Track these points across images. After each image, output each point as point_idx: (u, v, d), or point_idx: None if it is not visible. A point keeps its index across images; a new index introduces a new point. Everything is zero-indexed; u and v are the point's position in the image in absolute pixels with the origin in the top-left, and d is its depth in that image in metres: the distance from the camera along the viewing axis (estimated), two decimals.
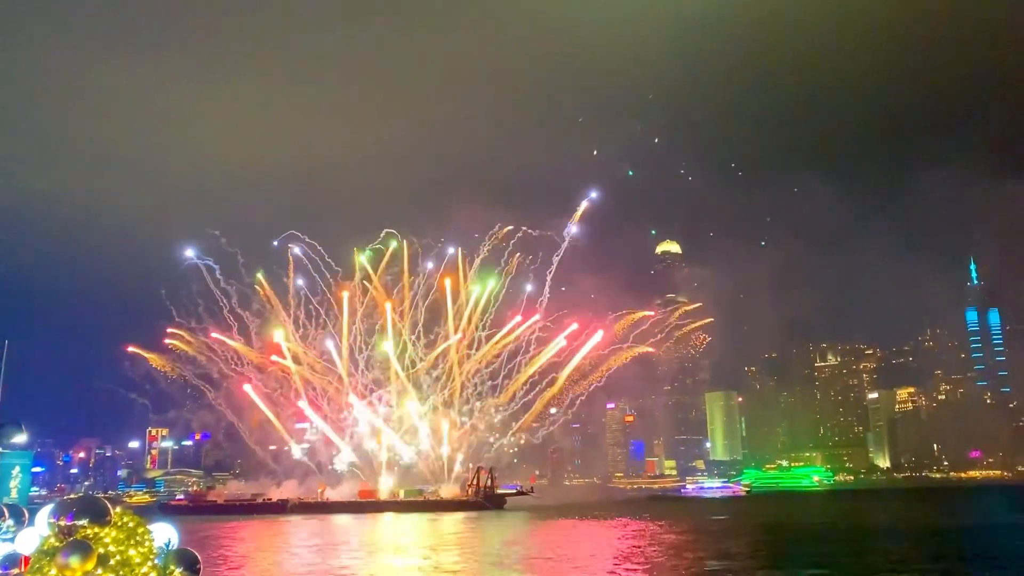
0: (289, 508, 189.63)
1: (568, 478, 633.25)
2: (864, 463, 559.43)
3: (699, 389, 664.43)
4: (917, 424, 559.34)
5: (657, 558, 64.55)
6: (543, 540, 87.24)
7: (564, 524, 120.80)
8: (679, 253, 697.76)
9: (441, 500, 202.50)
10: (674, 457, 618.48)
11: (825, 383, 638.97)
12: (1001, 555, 62.11)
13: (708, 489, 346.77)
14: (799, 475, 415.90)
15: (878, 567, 56.79)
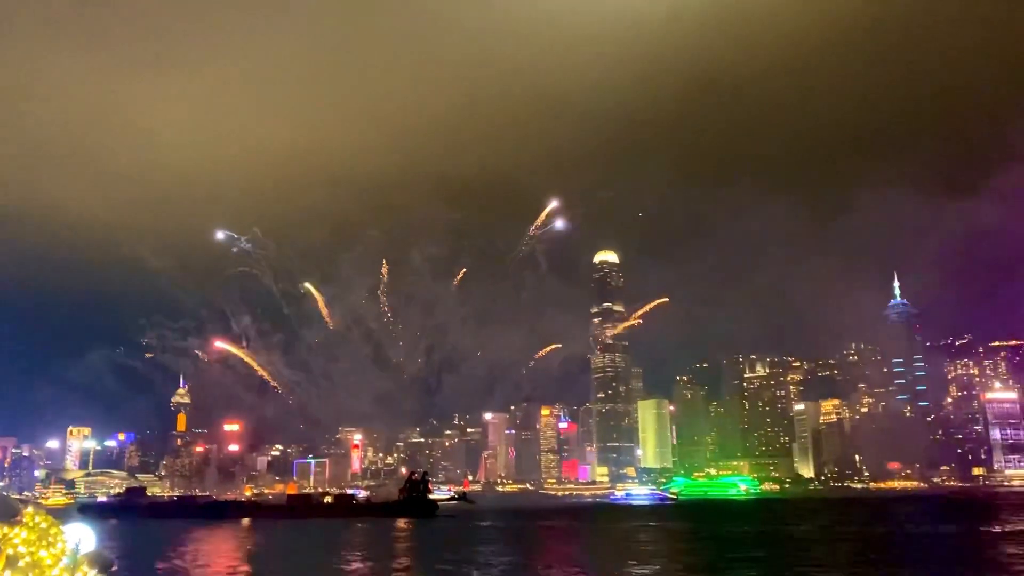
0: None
1: (501, 483, 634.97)
2: (789, 473, 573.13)
3: (632, 397, 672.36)
4: (840, 436, 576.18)
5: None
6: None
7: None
8: (616, 263, 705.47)
9: (371, 504, 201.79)
10: (606, 464, 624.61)
11: (754, 394, 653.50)
12: (910, 560, 65.06)
13: (636, 496, 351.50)
14: (726, 484, 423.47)
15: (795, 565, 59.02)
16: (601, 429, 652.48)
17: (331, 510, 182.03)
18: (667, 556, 70.37)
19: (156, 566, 66.55)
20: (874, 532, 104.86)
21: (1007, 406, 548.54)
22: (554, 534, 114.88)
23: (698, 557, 70.75)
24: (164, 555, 79.60)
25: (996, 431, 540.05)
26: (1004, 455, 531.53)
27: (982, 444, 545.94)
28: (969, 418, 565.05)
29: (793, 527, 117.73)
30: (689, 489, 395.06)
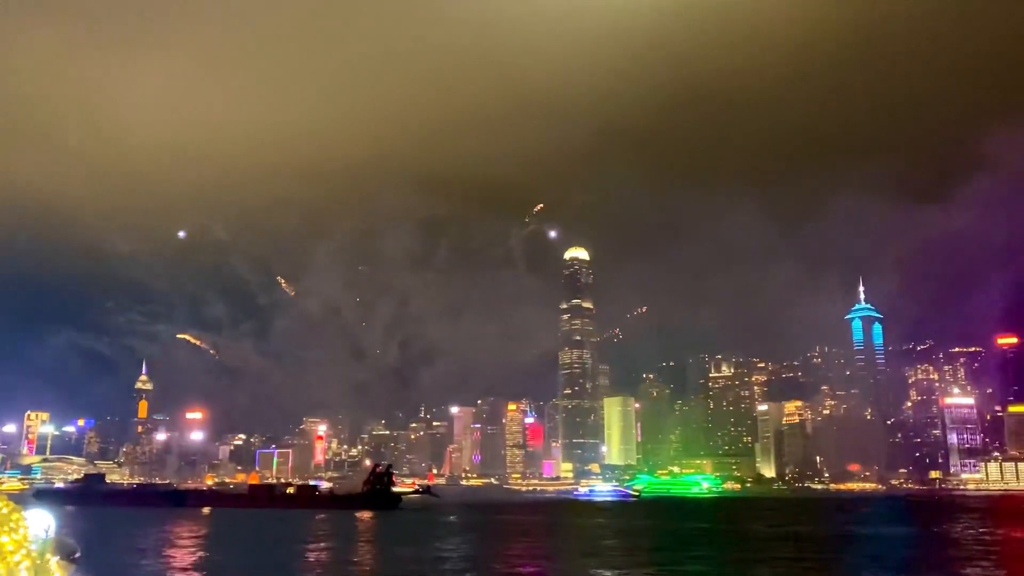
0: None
1: (466, 477, 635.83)
2: (751, 472, 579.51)
3: (598, 394, 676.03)
4: (802, 437, 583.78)
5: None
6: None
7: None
8: (587, 260, 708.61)
9: (334, 495, 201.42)
10: (571, 460, 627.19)
11: (719, 393, 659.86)
12: (864, 558, 66.51)
13: (599, 493, 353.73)
14: (689, 482, 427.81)
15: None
16: (567, 425, 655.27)
17: (293, 501, 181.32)
18: (621, 551, 71.41)
19: (115, 553, 66.18)
20: (821, 532, 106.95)
21: (965, 411, 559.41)
22: (516, 529, 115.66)
23: (650, 552, 71.85)
24: (123, 542, 79.09)
25: (953, 436, 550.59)
26: (960, 459, 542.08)
27: (939, 448, 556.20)
28: (928, 422, 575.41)
29: (747, 525, 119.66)
30: (652, 486, 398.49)
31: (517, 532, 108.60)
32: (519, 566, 61.35)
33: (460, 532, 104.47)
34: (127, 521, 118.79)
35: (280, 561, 64.70)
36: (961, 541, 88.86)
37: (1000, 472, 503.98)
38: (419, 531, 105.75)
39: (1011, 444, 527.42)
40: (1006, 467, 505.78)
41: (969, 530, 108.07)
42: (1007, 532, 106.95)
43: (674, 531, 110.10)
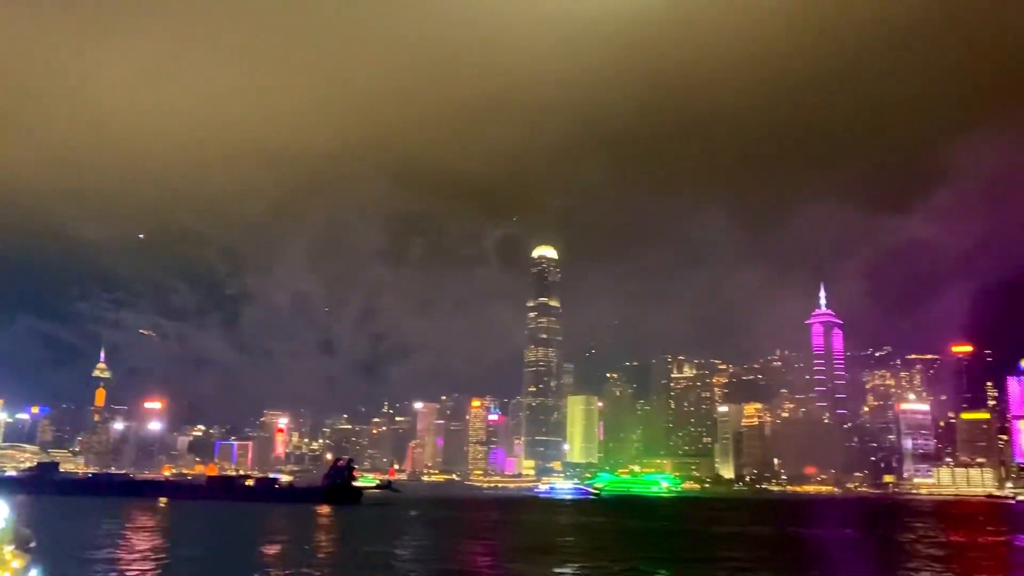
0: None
1: (427, 473, 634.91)
2: (710, 473, 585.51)
3: (562, 392, 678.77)
4: (760, 439, 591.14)
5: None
6: None
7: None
8: (555, 258, 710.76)
9: (294, 489, 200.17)
10: (533, 457, 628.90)
11: (680, 394, 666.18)
12: (810, 558, 67.62)
13: (559, 491, 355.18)
14: (649, 481, 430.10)
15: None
16: (530, 423, 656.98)
17: (252, 494, 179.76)
18: (578, 549, 72.03)
19: (69, 543, 65.22)
20: (775, 533, 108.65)
21: (919, 417, 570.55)
22: (476, 525, 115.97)
23: (605, 551, 72.57)
24: (77, 532, 78.01)
25: (908, 441, 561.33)
26: (914, 464, 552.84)
27: (894, 453, 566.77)
28: (883, 427, 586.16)
29: (703, 526, 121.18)
30: (612, 485, 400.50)
31: (477, 529, 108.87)
32: (477, 562, 61.59)
33: (420, 528, 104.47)
34: (81, 511, 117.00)
35: (237, 554, 64.26)
36: (911, 545, 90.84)
37: (952, 478, 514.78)
38: (379, 526, 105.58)
39: (963, 450, 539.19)
40: (958, 473, 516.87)
41: (920, 534, 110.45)
42: (955, 537, 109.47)
43: (631, 530, 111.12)
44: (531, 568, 59.34)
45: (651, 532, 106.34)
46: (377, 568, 56.03)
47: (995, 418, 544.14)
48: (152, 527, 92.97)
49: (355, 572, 53.60)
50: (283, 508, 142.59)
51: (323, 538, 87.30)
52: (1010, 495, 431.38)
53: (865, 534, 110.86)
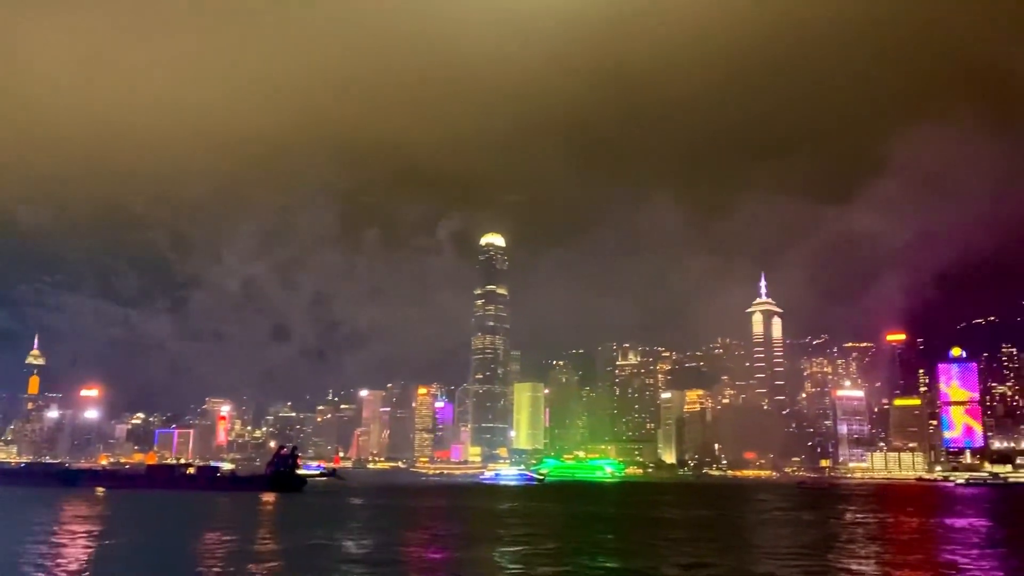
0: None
1: (373, 461, 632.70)
2: (653, 458, 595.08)
3: (509, 380, 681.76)
4: (702, 424, 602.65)
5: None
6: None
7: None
8: (502, 246, 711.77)
9: (236, 477, 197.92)
10: (479, 444, 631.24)
11: (625, 381, 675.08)
12: (735, 541, 69.47)
13: (504, 477, 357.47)
14: (594, 467, 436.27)
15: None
16: (477, 410, 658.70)
17: (193, 482, 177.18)
18: (522, 535, 72.85)
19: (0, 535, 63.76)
20: (720, 516, 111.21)
21: (855, 403, 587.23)
22: (420, 512, 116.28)
23: (548, 536, 73.58)
24: (8, 523, 76.24)
25: (843, 426, 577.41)
26: (849, 449, 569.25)
27: (830, 438, 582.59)
28: (820, 413, 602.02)
29: (647, 511, 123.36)
30: (558, 471, 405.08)
31: (421, 516, 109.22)
32: (421, 549, 61.96)
33: (364, 516, 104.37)
34: (13, 501, 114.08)
35: (175, 544, 63.52)
36: (846, 525, 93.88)
37: (885, 462, 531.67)
38: (323, 514, 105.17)
39: (895, 435, 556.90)
40: (890, 457, 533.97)
41: (855, 515, 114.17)
42: (887, 517, 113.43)
43: (573, 514, 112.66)
44: (473, 553, 59.93)
45: (593, 516, 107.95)
46: (319, 557, 55.98)
47: (926, 404, 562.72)
48: (88, 517, 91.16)
49: (296, 561, 53.46)
50: (225, 497, 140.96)
51: (265, 527, 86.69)
52: (939, 478, 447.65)
53: (810, 516, 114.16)
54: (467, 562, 55.64)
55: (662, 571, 50.51)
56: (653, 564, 53.77)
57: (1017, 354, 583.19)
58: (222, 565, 51.10)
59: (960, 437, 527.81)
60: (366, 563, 53.03)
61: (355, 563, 52.97)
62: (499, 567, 52.02)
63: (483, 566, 52.34)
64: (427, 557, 58.29)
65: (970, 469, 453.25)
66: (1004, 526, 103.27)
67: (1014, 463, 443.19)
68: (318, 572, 48.12)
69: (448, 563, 55.55)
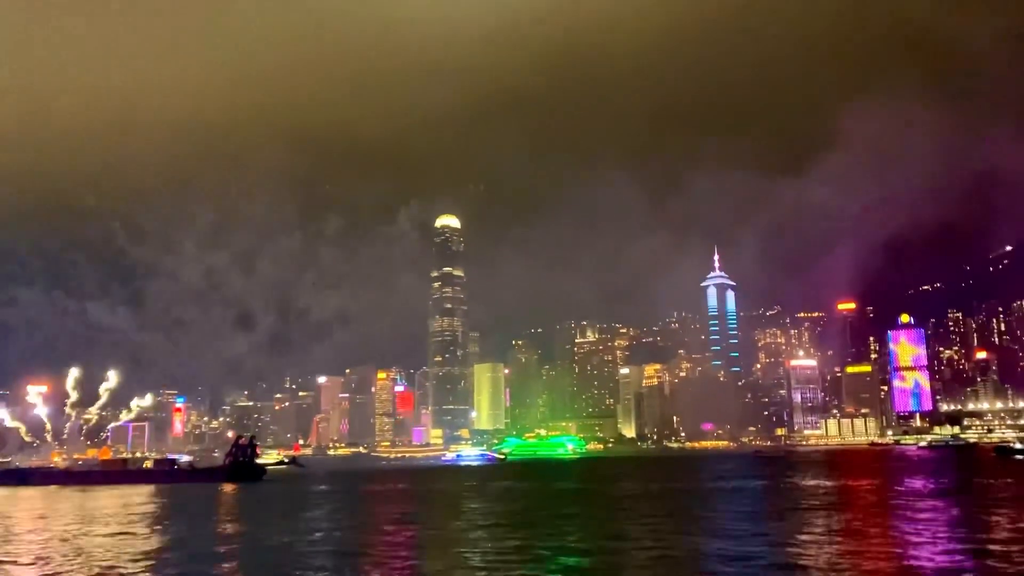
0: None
1: (333, 447, 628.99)
2: (613, 433, 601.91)
3: (468, 361, 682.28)
4: (660, 398, 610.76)
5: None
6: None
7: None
8: (458, 227, 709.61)
9: (194, 469, 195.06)
10: (441, 426, 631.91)
11: (583, 358, 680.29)
12: (724, 510, 70.36)
13: (466, 457, 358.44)
14: (555, 444, 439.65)
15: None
16: (437, 392, 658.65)
17: (150, 476, 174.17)
18: (485, 513, 72.91)
19: None
20: (684, 487, 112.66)
21: (808, 372, 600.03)
22: (382, 496, 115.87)
23: (512, 513, 73.71)
24: None
25: (797, 395, 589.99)
26: (804, 417, 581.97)
27: (785, 407, 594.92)
28: (775, 383, 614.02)
29: (608, 485, 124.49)
30: (519, 449, 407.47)
31: (382, 500, 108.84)
32: (385, 533, 61.60)
33: (325, 502, 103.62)
34: None
35: (137, 537, 62.26)
36: (805, 491, 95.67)
37: (838, 428, 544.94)
38: (284, 503, 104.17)
39: (848, 402, 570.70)
40: (843, 423, 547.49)
41: (812, 481, 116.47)
42: (844, 482, 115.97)
43: (536, 491, 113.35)
44: (437, 534, 59.77)
45: (555, 493, 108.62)
46: (279, 547, 55.29)
47: (877, 371, 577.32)
48: (43, 516, 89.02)
49: (256, 551, 52.72)
50: (184, 489, 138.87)
51: (224, 517, 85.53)
52: (891, 442, 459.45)
53: (769, 483, 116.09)
54: (429, 541, 55.47)
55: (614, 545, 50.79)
56: (611, 539, 54.08)
57: (963, 319, 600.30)
58: (180, 557, 50.18)
59: (910, 401, 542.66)
60: (329, 552, 52.52)
61: (318, 552, 52.42)
62: (461, 546, 51.91)
63: (444, 548, 52.17)
64: (389, 539, 57.96)
65: (919, 432, 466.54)
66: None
67: (962, 424, 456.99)
68: (278, 562, 47.49)
69: (411, 544, 55.28)
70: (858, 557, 42.13)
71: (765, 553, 44.74)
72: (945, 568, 39.13)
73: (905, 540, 48.92)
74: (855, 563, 40.30)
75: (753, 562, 41.55)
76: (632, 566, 42.39)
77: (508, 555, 46.10)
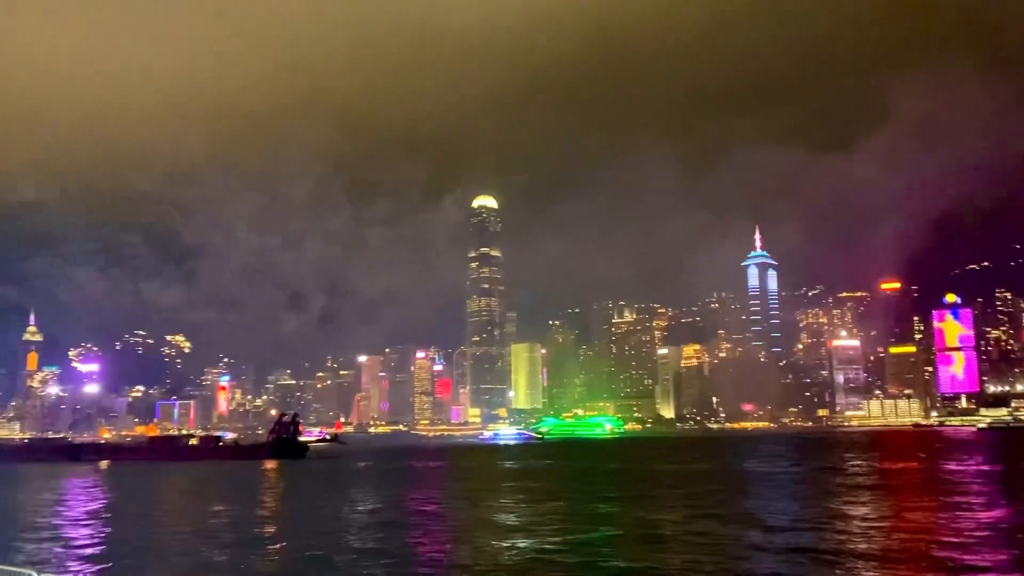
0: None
1: (374, 425, 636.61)
2: (651, 413, 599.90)
3: (506, 341, 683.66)
4: (699, 379, 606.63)
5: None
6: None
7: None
8: (495, 208, 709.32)
9: (239, 446, 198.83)
10: (479, 405, 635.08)
11: (621, 338, 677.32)
12: (766, 491, 70.00)
13: (504, 436, 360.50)
14: (592, 424, 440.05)
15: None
16: (475, 371, 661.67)
17: (196, 453, 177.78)
18: (522, 491, 73.44)
19: (5, 508, 64.06)
20: (724, 469, 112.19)
21: (851, 352, 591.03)
22: (422, 473, 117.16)
23: (549, 492, 74.08)
24: (13, 497, 76.52)
25: (840, 375, 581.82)
26: (846, 397, 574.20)
27: (827, 388, 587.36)
28: (817, 363, 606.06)
29: (649, 464, 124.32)
30: (557, 429, 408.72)
31: (423, 476, 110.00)
32: (424, 509, 62.35)
33: (367, 479, 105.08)
34: (18, 476, 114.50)
35: (186, 511, 63.89)
36: (851, 473, 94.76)
37: (881, 409, 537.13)
38: (326, 479, 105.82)
39: (891, 382, 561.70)
40: (886, 404, 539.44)
41: (858, 463, 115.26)
42: (889, 464, 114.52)
43: (574, 470, 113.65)
44: (477, 512, 60.34)
45: (593, 472, 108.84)
46: (328, 519, 56.32)
47: (921, 351, 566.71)
48: (95, 488, 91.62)
49: (306, 526, 53.76)
50: (229, 466, 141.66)
51: (270, 494, 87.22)
52: (935, 423, 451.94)
53: (813, 465, 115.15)
54: (471, 520, 56.01)
55: (657, 518, 50.86)
56: (655, 514, 54.14)
57: (1011, 298, 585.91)
58: (232, 530, 51.33)
59: (955, 382, 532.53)
60: (373, 524, 53.33)
61: (363, 526, 53.27)
62: (501, 524, 52.36)
63: (486, 524, 52.66)
64: (431, 513, 58.68)
65: (965, 413, 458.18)
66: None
67: (1009, 406, 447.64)
68: (325, 534, 48.36)
69: (452, 519, 55.93)
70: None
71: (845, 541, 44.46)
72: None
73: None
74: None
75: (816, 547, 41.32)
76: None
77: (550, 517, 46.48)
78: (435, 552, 41.21)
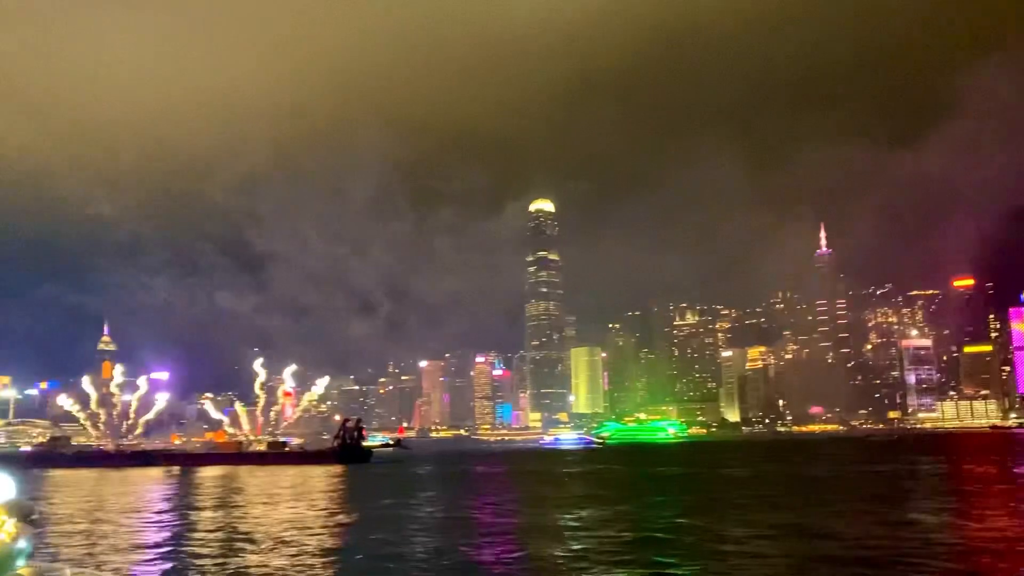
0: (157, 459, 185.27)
1: (435, 430, 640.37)
2: (716, 417, 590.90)
3: (565, 345, 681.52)
4: (765, 381, 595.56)
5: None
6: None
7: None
8: (552, 211, 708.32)
9: (304, 451, 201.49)
10: (539, 410, 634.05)
11: (683, 341, 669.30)
12: (842, 495, 67.73)
13: (565, 441, 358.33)
14: (655, 428, 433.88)
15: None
16: (535, 376, 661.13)
17: (263, 458, 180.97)
18: (585, 497, 72.26)
19: (81, 510, 65.45)
20: (796, 473, 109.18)
21: (922, 352, 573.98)
22: (484, 478, 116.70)
23: (611, 498, 72.75)
24: (92, 500, 78.36)
25: (912, 376, 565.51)
26: (918, 399, 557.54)
27: (898, 389, 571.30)
28: (887, 364, 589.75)
29: (712, 469, 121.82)
30: (619, 433, 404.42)
31: (485, 481, 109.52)
32: (487, 514, 61.64)
33: (430, 484, 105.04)
34: (94, 480, 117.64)
35: (259, 512, 64.37)
36: (929, 477, 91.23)
37: (956, 410, 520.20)
38: (391, 484, 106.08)
39: (966, 383, 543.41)
40: (961, 405, 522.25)
41: (937, 466, 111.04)
42: (971, 468, 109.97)
43: (637, 475, 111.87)
44: (543, 517, 59.36)
45: (658, 477, 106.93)
46: (401, 520, 56.10)
47: (998, 350, 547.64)
48: (166, 493, 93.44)
49: (381, 525, 53.60)
50: (296, 470, 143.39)
51: (336, 496, 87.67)
52: (1013, 425, 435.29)
53: (890, 468, 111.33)
54: (534, 527, 55.09)
55: (728, 530, 49.18)
56: (723, 524, 52.44)
57: None
58: (310, 530, 51.41)
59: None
60: (438, 528, 52.83)
61: (428, 529, 52.81)
62: (565, 529, 51.32)
63: (550, 529, 51.67)
64: (497, 520, 57.92)
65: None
66: None
67: None
68: (393, 536, 48.00)
69: (518, 526, 55.07)
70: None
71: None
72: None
73: None
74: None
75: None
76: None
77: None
78: (504, 554, 40.42)
